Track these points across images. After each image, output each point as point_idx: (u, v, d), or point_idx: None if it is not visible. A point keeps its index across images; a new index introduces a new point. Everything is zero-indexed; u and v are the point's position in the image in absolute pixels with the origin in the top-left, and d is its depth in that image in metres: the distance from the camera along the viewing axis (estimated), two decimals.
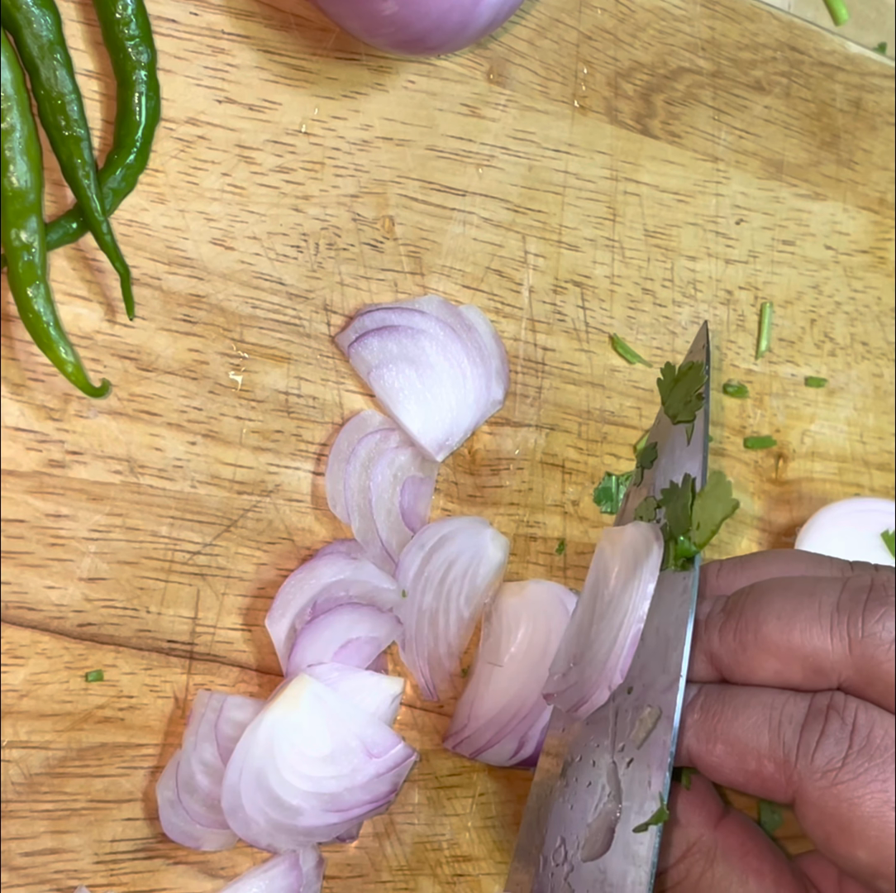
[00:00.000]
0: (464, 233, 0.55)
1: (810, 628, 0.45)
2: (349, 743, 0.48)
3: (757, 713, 0.45)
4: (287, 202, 0.51)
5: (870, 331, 0.65)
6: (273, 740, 0.46)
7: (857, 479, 0.64)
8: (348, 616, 0.49)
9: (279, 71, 0.51)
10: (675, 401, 0.51)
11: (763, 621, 0.45)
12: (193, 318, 0.50)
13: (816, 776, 0.43)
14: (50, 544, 0.47)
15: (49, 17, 0.45)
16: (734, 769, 0.45)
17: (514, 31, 0.56)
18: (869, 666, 0.44)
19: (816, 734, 0.43)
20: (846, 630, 0.44)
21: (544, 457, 0.56)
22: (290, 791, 0.47)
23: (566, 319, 0.57)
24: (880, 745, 0.43)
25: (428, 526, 0.53)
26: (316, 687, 0.47)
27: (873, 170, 0.66)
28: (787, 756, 0.44)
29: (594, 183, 0.58)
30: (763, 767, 0.44)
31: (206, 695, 0.48)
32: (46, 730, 0.47)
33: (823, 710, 0.44)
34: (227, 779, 0.46)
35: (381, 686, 0.49)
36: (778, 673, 0.45)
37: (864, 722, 0.43)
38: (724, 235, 0.62)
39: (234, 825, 0.46)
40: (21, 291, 0.44)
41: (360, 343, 0.52)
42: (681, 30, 0.60)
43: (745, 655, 0.46)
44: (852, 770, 0.43)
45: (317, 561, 0.50)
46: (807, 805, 0.43)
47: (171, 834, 0.48)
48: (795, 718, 0.44)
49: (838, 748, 0.43)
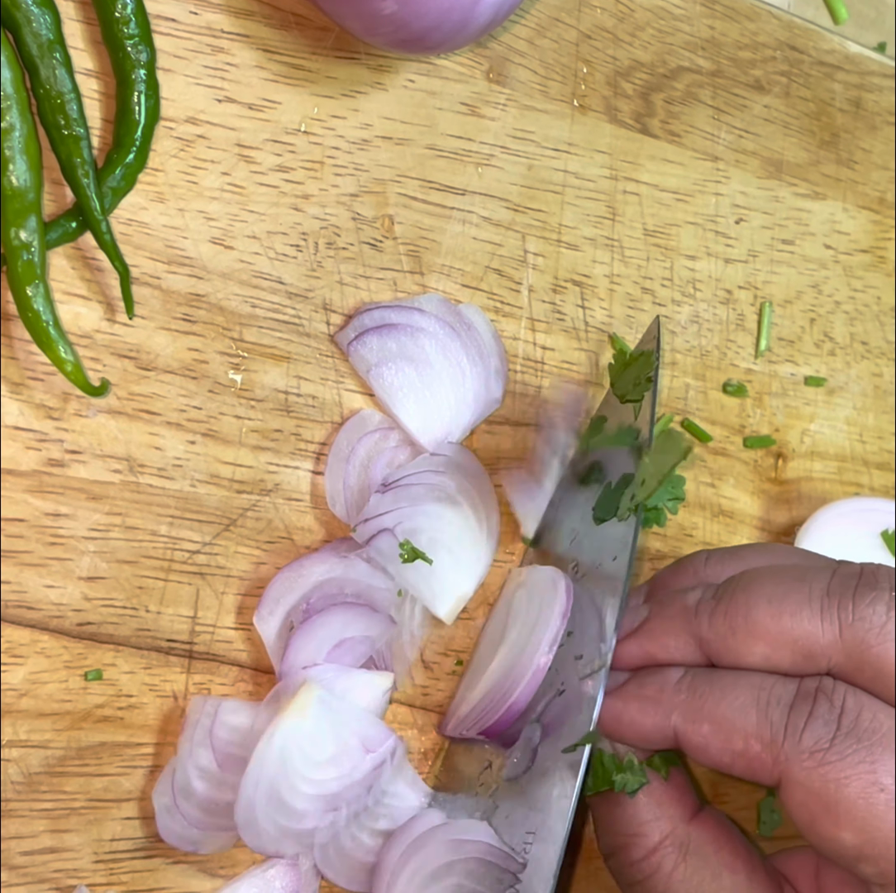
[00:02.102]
0: (463, 232, 0.55)
1: (800, 611, 0.45)
2: (349, 742, 0.48)
3: (745, 694, 0.45)
4: (286, 201, 0.51)
5: (869, 330, 0.65)
6: (284, 750, 0.46)
7: (857, 478, 0.64)
8: (342, 616, 0.49)
9: (279, 70, 0.51)
10: (625, 383, 0.53)
11: (753, 605, 0.46)
12: (193, 317, 0.50)
13: (804, 756, 0.43)
14: (49, 543, 0.47)
15: (48, 15, 0.45)
16: (720, 749, 0.45)
17: (513, 30, 0.56)
18: (859, 650, 0.44)
19: (805, 715, 0.43)
20: (836, 614, 0.44)
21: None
22: (298, 797, 0.47)
23: (565, 319, 0.57)
24: (868, 728, 0.43)
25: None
26: (321, 693, 0.47)
27: (873, 169, 0.66)
28: (775, 737, 0.44)
29: (594, 182, 0.58)
30: (750, 747, 0.44)
31: (200, 701, 0.48)
32: (46, 729, 0.47)
33: (812, 692, 0.44)
34: (243, 793, 0.46)
35: (373, 682, 0.49)
36: (767, 658, 0.45)
37: (852, 706, 0.43)
38: (724, 234, 0.62)
39: (246, 836, 0.46)
40: (20, 290, 0.44)
41: (359, 342, 0.52)
42: (680, 29, 0.60)
43: (734, 639, 0.46)
44: (840, 752, 0.43)
45: (305, 559, 0.50)
46: (793, 786, 0.43)
47: (169, 839, 0.47)
48: (784, 699, 0.44)
49: (826, 729, 0.43)
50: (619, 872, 0.49)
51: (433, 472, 0.52)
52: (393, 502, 0.50)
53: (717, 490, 0.60)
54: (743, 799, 0.58)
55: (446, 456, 0.52)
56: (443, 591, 0.52)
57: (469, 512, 0.53)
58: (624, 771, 0.48)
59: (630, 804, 0.48)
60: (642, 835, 0.48)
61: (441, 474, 0.52)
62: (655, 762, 0.49)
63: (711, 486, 0.60)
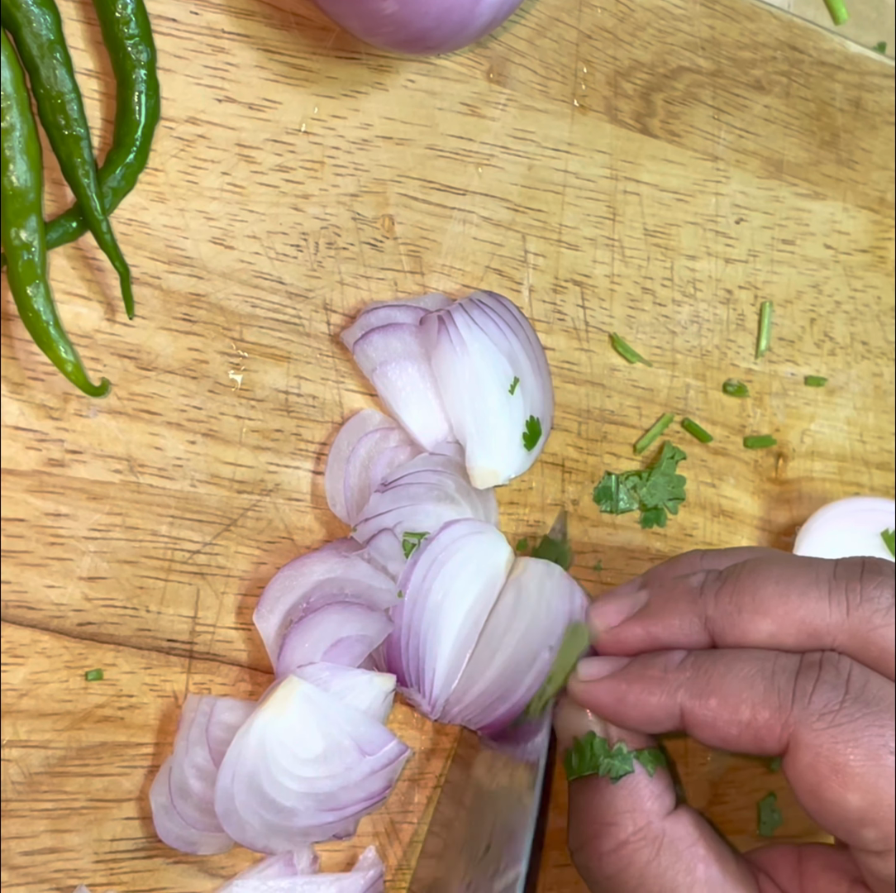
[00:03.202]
0: (464, 232, 0.55)
1: (808, 592, 0.46)
2: (342, 743, 0.47)
3: (750, 665, 0.45)
4: (287, 201, 0.51)
5: (870, 330, 0.65)
6: (264, 743, 0.46)
7: (857, 478, 0.64)
8: (338, 615, 0.49)
9: (279, 70, 0.51)
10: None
11: (761, 585, 0.46)
12: (193, 317, 0.50)
13: (813, 718, 0.43)
14: (50, 543, 0.47)
15: (49, 15, 0.45)
16: (728, 721, 0.45)
17: (513, 30, 0.56)
18: (865, 630, 0.45)
19: (812, 680, 0.44)
20: (844, 595, 0.45)
21: (544, 456, 0.56)
22: (284, 793, 0.47)
23: (566, 319, 0.57)
24: (877, 695, 0.44)
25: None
26: (305, 688, 0.47)
27: (873, 169, 0.66)
28: (783, 702, 0.44)
29: (594, 182, 0.58)
30: (757, 714, 0.45)
31: (195, 700, 0.48)
32: (46, 729, 0.47)
33: (817, 661, 0.45)
34: (220, 783, 0.46)
35: (372, 684, 0.49)
36: (772, 635, 0.46)
37: (858, 675, 0.44)
38: (724, 234, 0.62)
39: (228, 828, 0.46)
40: (21, 290, 0.44)
41: (365, 341, 0.51)
42: (680, 29, 0.60)
43: (739, 616, 0.46)
44: (849, 714, 0.43)
45: (306, 558, 0.50)
46: (801, 748, 0.44)
47: (167, 840, 0.47)
48: (789, 667, 0.45)
49: (835, 692, 0.44)
50: (586, 866, 0.49)
51: (432, 471, 0.52)
52: (393, 502, 0.50)
53: (717, 490, 0.60)
54: (743, 799, 0.58)
55: (445, 456, 0.52)
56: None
57: (468, 512, 0.53)
58: (611, 757, 0.49)
59: (609, 791, 0.48)
60: (615, 825, 0.48)
61: (440, 473, 0.52)
62: (644, 756, 0.49)
63: (712, 486, 0.60)
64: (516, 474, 0.53)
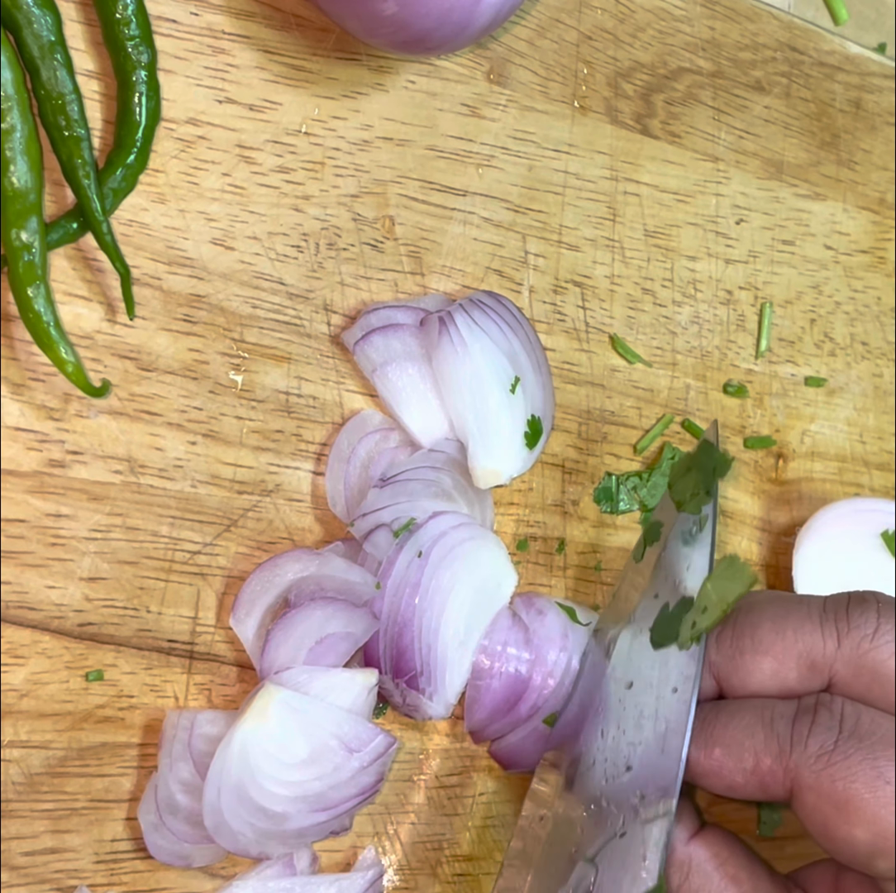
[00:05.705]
0: (464, 233, 0.55)
1: (802, 627, 0.47)
2: (327, 743, 0.47)
3: (749, 715, 0.47)
4: (287, 202, 0.51)
5: (870, 331, 0.65)
6: (247, 753, 0.46)
7: (857, 479, 0.64)
8: (321, 611, 0.48)
9: (279, 71, 0.51)
10: (683, 489, 0.52)
11: (758, 625, 0.48)
12: (194, 318, 0.50)
13: (811, 760, 0.45)
14: (50, 543, 0.47)
15: (49, 17, 0.45)
16: (733, 770, 0.47)
17: (514, 31, 0.56)
18: (856, 656, 0.46)
19: (808, 724, 0.45)
20: (834, 626, 0.47)
21: (544, 457, 0.56)
22: (273, 800, 0.46)
23: (566, 319, 0.57)
24: (868, 730, 0.45)
25: None
26: (283, 695, 0.46)
27: (873, 170, 0.66)
28: (783, 747, 0.45)
29: (594, 183, 0.58)
30: (760, 762, 0.46)
31: (175, 715, 0.48)
32: (47, 730, 0.47)
33: (812, 705, 0.46)
34: (206, 798, 0.45)
35: (354, 680, 0.48)
36: (775, 673, 0.47)
37: (850, 712, 0.46)
38: (724, 235, 0.62)
39: (220, 840, 0.46)
40: (21, 291, 0.44)
41: (365, 341, 0.51)
42: (681, 30, 0.60)
43: (742, 659, 0.48)
44: (844, 751, 0.44)
45: (278, 558, 0.49)
46: (804, 791, 0.45)
47: (160, 857, 0.47)
48: (786, 714, 0.46)
49: (830, 734, 0.45)
50: None
51: (430, 468, 0.52)
52: (391, 498, 0.50)
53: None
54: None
55: (444, 453, 0.52)
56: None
57: (464, 509, 0.53)
58: None
59: None
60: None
61: (438, 470, 0.52)
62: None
63: None
64: (518, 473, 0.53)
